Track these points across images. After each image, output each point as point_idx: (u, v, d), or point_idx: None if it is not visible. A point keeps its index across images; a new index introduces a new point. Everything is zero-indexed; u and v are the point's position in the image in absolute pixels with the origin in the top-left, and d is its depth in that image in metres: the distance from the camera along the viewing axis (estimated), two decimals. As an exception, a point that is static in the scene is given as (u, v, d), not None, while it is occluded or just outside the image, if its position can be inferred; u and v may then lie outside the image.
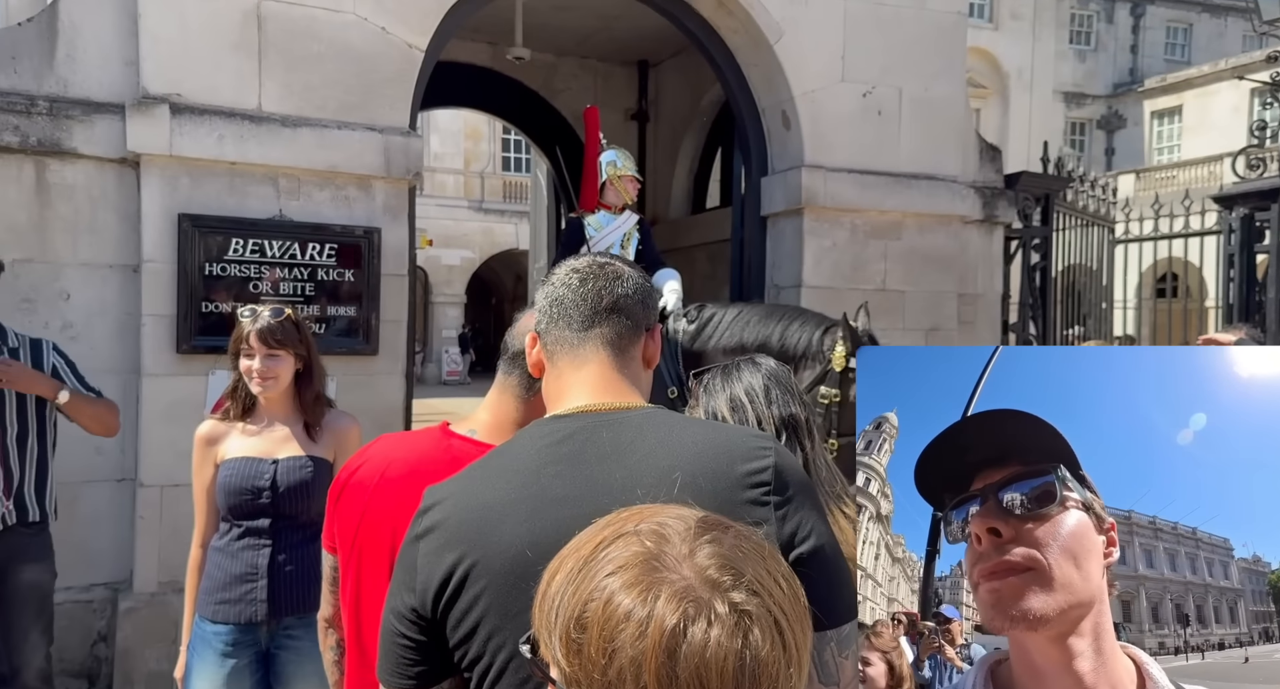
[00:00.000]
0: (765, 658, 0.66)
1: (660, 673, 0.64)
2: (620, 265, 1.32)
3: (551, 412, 1.26)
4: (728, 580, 0.69)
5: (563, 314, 1.28)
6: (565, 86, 7.40)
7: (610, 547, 0.72)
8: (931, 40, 5.17)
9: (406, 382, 4.40)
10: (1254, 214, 6.37)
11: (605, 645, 0.66)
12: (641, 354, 1.30)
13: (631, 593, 0.67)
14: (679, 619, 0.66)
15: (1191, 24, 30.15)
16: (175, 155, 3.84)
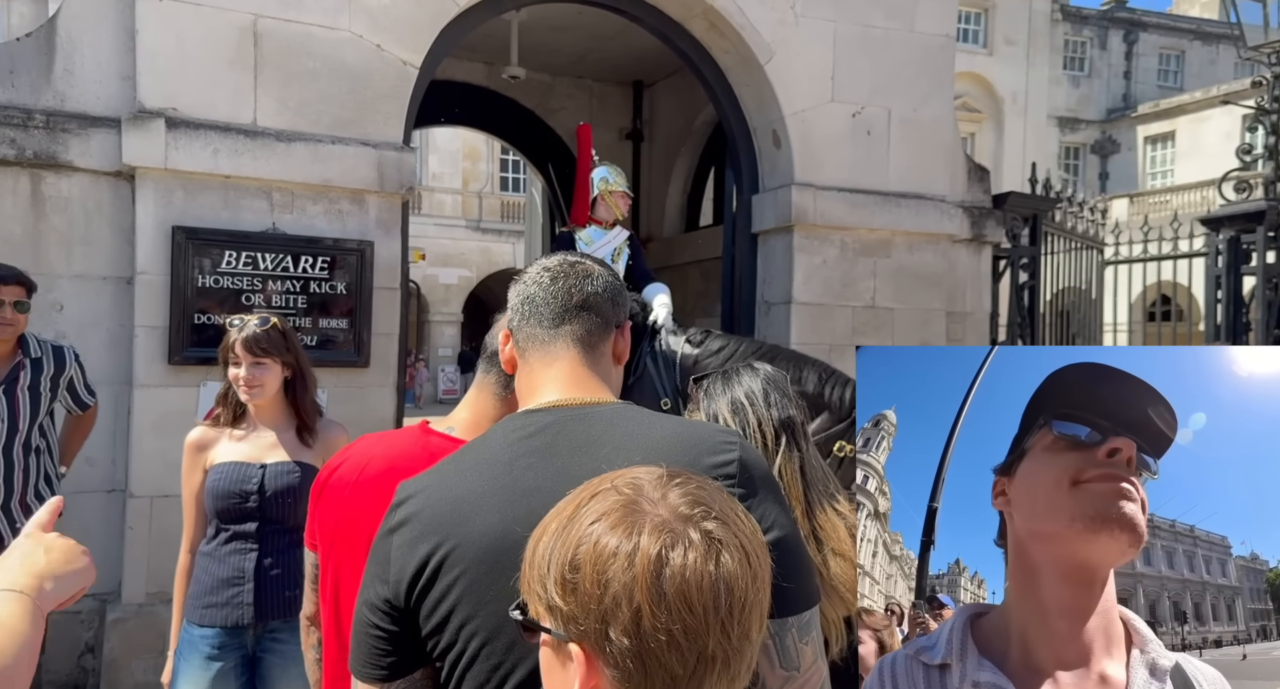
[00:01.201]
0: (735, 575, 0.77)
1: (650, 594, 0.74)
2: (590, 264, 1.35)
3: (524, 406, 1.29)
4: (698, 513, 0.79)
5: (534, 311, 1.30)
6: (561, 106, 7.48)
7: (589, 503, 0.81)
8: (920, 62, 5.25)
9: (398, 395, 4.42)
10: (1240, 236, 6.44)
11: (599, 578, 0.75)
12: (611, 350, 1.33)
13: (616, 532, 0.77)
14: (660, 548, 0.75)
15: (1184, 51, 30.49)
16: (170, 169, 3.88)
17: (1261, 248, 6.32)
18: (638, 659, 0.75)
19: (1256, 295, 6.36)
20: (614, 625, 0.75)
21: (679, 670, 0.75)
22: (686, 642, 0.74)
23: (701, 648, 0.75)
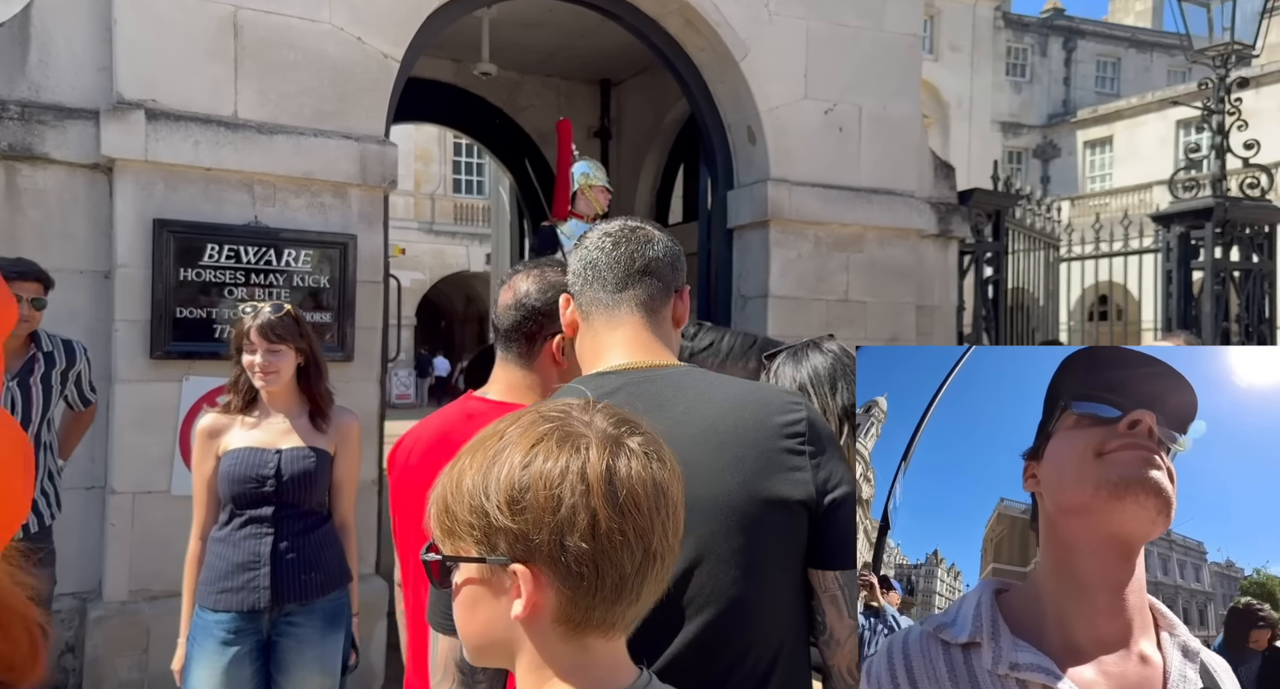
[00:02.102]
0: (668, 480, 0.87)
1: (605, 500, 0.82)
2: (650, 229, 1.38)
3: (591, 369, 1.33)
4: (627, 428, 0.88)
5: (597, 276, 1.34)
6: (529, 104, 7.50)
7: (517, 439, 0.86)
8: (889, 60, 5.39)
9: (381, 389, 4.41)
10: (1189, 232, 6.70)
11: (551, 494, 0.82)
12: (671, 314, 1.37)
13: (562, 452, 0.83)
14: (607, 459, 0.84)
15: (1120, 58, 31.50)
16: (151, 161, 3.83)
17: (1209, 243, 6.59)
18: (592, 563, 0.81)
19: (1205, 289, 6.63)
20: (570, 534, 0.81)
21: (628, 568, 0.83)
22: (636, 540, 0.82)
23: (648, 545, 0.83)
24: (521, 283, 1.70)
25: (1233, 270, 6.70)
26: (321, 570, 2.52)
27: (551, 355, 1.67)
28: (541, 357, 1.67)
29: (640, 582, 0.84)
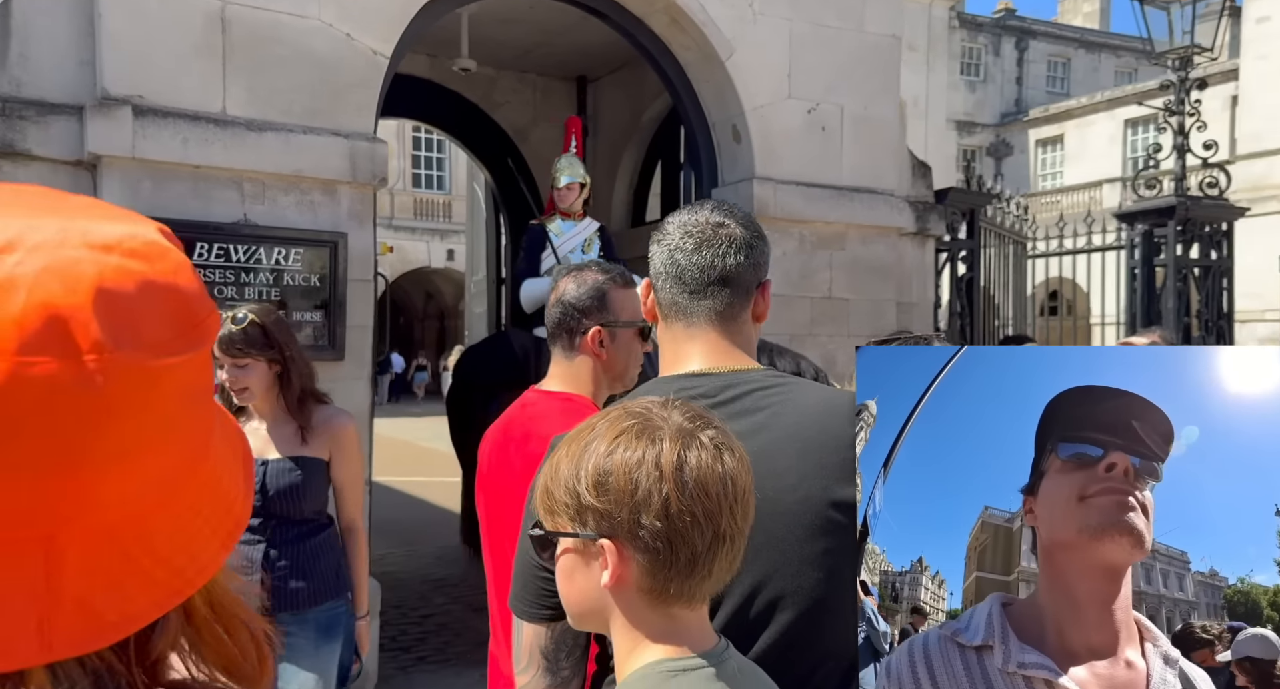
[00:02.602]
0: (737, 470, 0.97)
1: (675, 484, 0.93)
2: (733, 227, 1.35)
3: (672, 369, 1.36)
4: (700, 424, 0.98)
5: (677, 277, 1.34)
6: (505, 100, 7.47)
7: (604, 431, 0.98)
8: (869, 61, 5.47)
9: (372, 388, 4.38)
10: (1153, 230, 6.91)
11: (629, 478, 0.94)
12: (752, 312, 1.38)
13: (640, 443, 0.95)
14: (679, 449, 0.95)
15: (1070, 58, 32.20)
16: (138, 158, 3.75)
17: (1171, 241, 6.80)
18: (666, 539, 0.93)
19: (1167, 286, 6.84)
20: (646, 514, 0.92)
21: (699, 546, 0.93)
22: (705, 521, 0.93)
23: (716, 526, 0.94)
24: (564, 283, 1.88)
25: (1193, 267, 6.92)
26: (315, 579, 2.49)
27: (591, 347, 1.84)
28: (583, 349, 1.85)
29: (711, 559, 0.94)
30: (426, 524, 8.41)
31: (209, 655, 0.55)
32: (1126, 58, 31.79)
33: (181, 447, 0.51)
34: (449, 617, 5.69)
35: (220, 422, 0.58)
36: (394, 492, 9.50)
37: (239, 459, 0.59)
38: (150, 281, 0.49)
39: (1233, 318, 7.12)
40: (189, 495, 0.52)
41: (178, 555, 0.50)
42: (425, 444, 14.99)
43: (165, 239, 0.53)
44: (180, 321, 0.49)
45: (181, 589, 0.50)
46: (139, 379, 0.47)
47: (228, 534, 0.54)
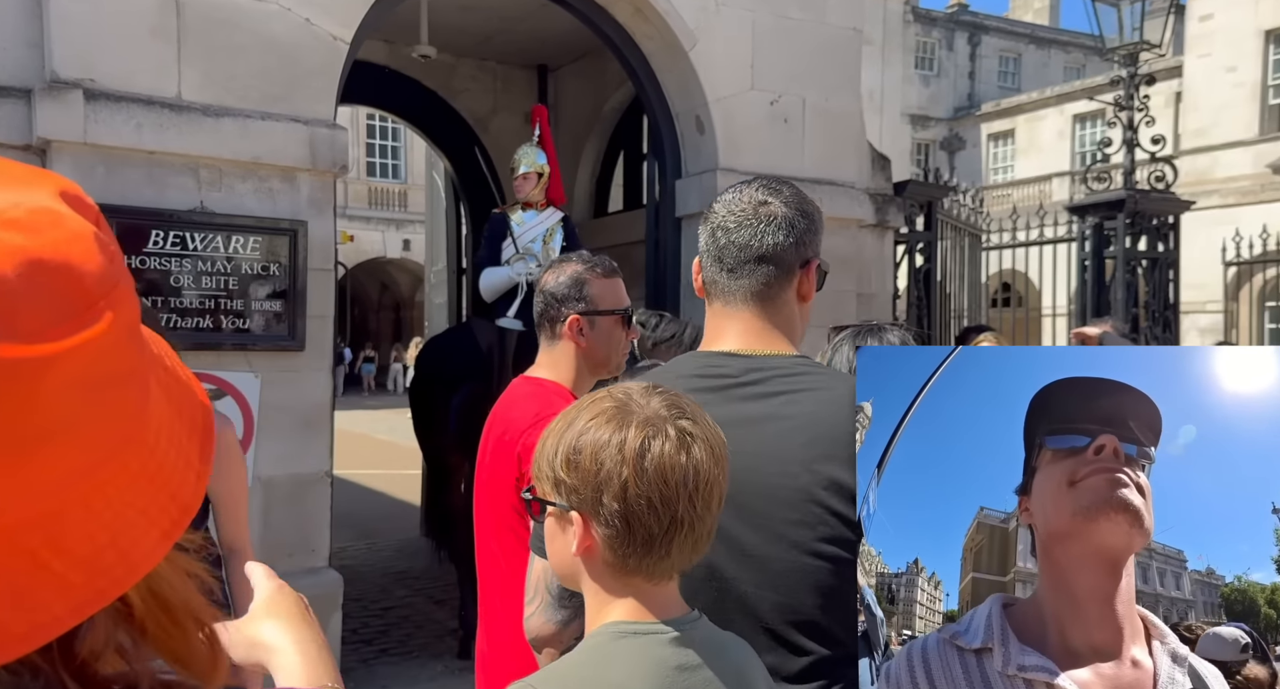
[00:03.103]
0: (700, 460, 1.01)
1: (635, 470, 0.98)
2: (776, 205, 1.34)
3: (710, 345, 1.38)
4: (674, 414, 1.02)
5: (718, 256, 1.35)
6: (465, 87, 7.39)
7: (586, 410, 1.04)
8: (830, 54, 5.51)
9: (332, 379, 4.32)
10: (1103, 223, 7.07)
11: (595, 458, 0.99)
12: (795, 291, 1.36)
13: (610, 426, 1.00)
14: (643, 438, 0.99)
15: (1020, 54, 32.74)
16: (90, 143, 3.65)
17: (1121, 233, 6.97)
18: (624, 519, 0.98)
19: (1116, 277, 7.01)
20: (607, 493, 0.98)
21: (655, 529, 0.99)
22: (662, 507, 0.98)
23: (674, 512, 0.99)
24: (549, 275, 1.95)
25: (1141, 259, 7.10)
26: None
27: (571, 334, 1.91)
28: (563, 337, 1.92)
29: (668, 541, 1.00)
30: (386, 517, 8.33)
31: (158, 650, 0.51)
32: (1075, 53, 32.42)
33: (92, 437, 0.45)
34: (411, 609, 5.65)
35: (171, 393, 0.53)
36: (353, 485, 9.40)
37: (195, 435, 0.54)
38: (32, 259, 0.43)
39: (1178, 309, 7.32)
40: (113, 487, 0.46)
41: (102, 554, 0.46)
42: (382, 437, 14.84)
43: (62, 204, 0.47)
44: (70, 303, 0.44)
45: (106, 590, 0.46)
46: (14, 373, 0.41)
47: (172, 523, 0.50)
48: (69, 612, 0.44)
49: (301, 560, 4.11)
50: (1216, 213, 15.74)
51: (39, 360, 0.42)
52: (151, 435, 0.49)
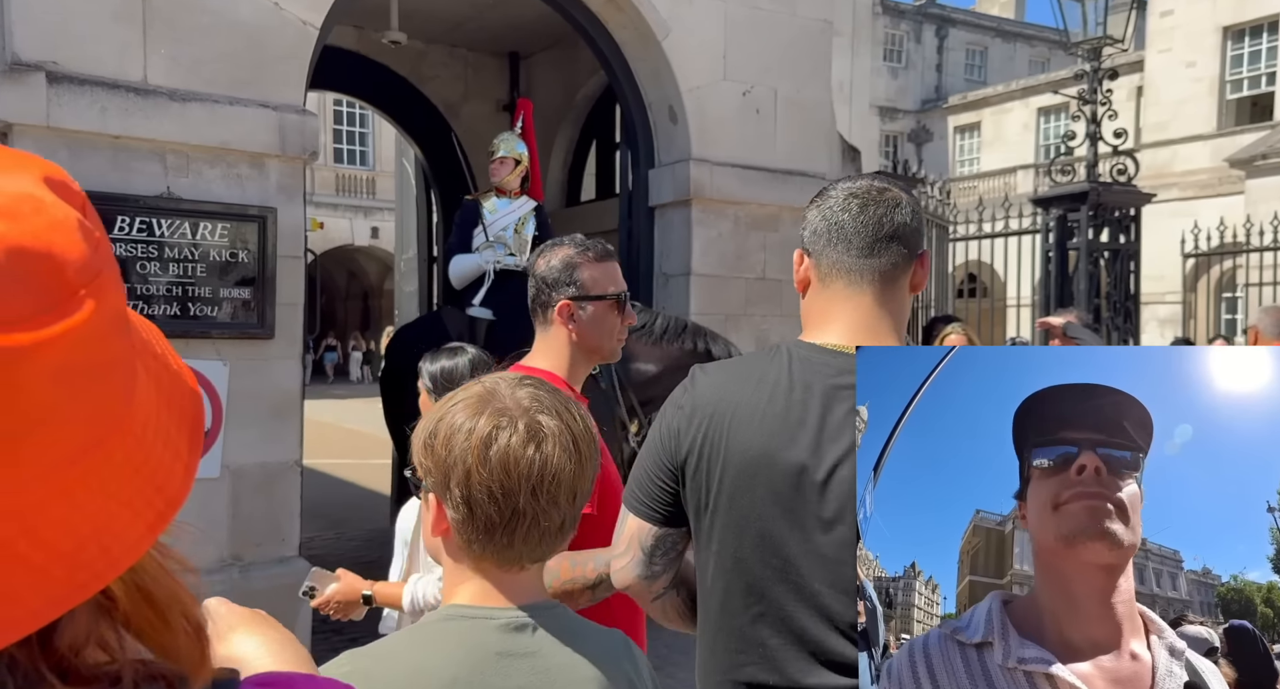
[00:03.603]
0: (552, 458, 1.02)
1: (479, 459, 1.00)
2: (896, 190, 1.35)
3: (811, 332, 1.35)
4: (535, 407, 1.04)
5: (842, 238, 1.31)
6: (435, 74, 7.33)
7: (458, 394, 1.08)
8: (802, 45, 5.54)
9: (302, 367, 4.29)
10: (1067, 215, 7.19)
11: (447, 443, 1.02)
12: (909, 281, 1.35)
13: (466, 413, 1.03)
14: (492, 429, 1.01)
15: (987, 47, 33.05)
16: (53, 127, 3.59)
17: (1084, 225, 7.09)
18: (466, 505, 1.01)
19: (1079, 268, 7.14)
20: (452, 478, 1.01)
21: (496, 518, 1.01)
22: (502, 497, 1.00)
23: (514, 504, 1.00)
24: (539, 258, 1.92)
25: (1103, 250, 7.23)
26: None
27: (562, 320, 1.87)
28: (556, 323, 1.88)
29: (509, 531, 1.01)
30: (355, 507, 8.28)
31: (143, 642, 0.51)
32: (1040, 47, 32.79)
33: (74, 428, 0.44)
34: (381, 598, 5.63)
35: (160, 383, 0.52)
36: (321, 474, 9.33)
37: (184, 426, 0.53)
38: (12, 246, 0.42)
39: (1139, 299, 7.47)
40: (96, 479, 0.45)
41: (84, 548, 0.44)
42: (350, 426, 14.73)
43: (46, 190, 0.46)
44: (51, 291, 0.43)
45: (87, 584, 0.45)
46: None
47: (157, 516, 0.48)
48: (47, 605, 0.43)
49: (271, 550, 4.09)
50: (1175, 205, 16.06)
51: (19, 350, 0.41)
52: (138, 426, 0.48)
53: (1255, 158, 15.48)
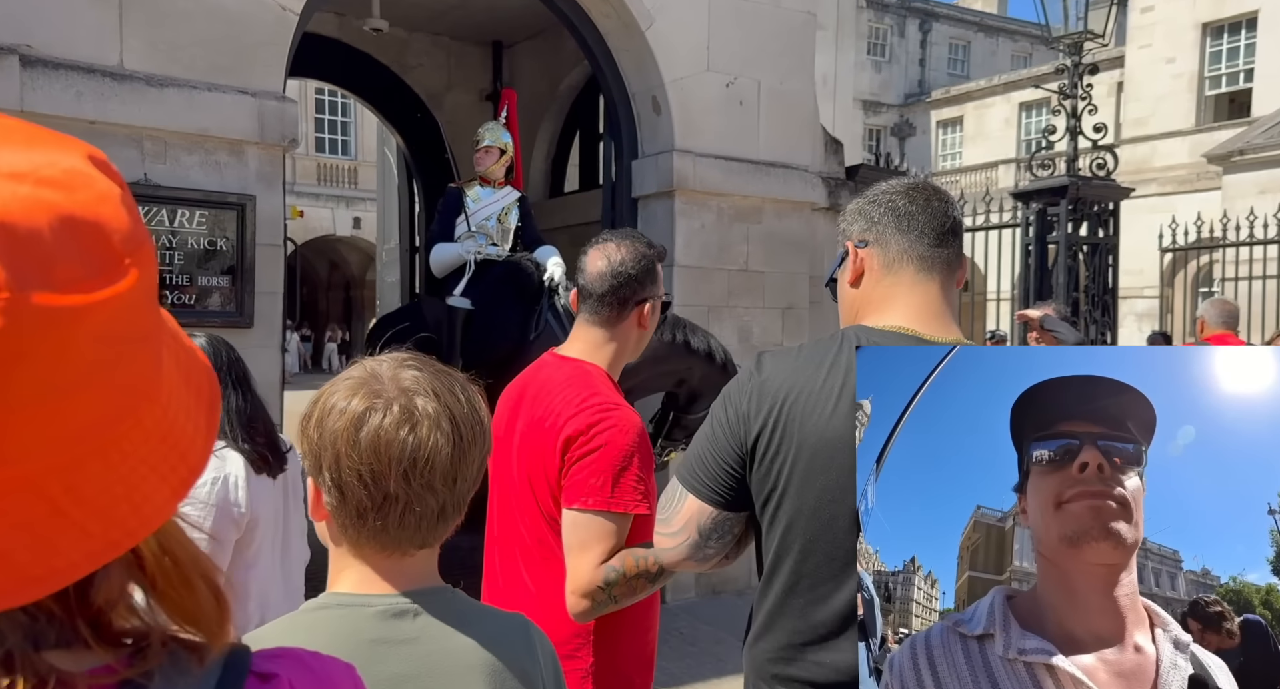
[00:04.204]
0: (426, 442, 0.97)
1: (348, 441, 0.96)
2: (941, 190, 1.40)
3: (866, 316, 1.37)
4: (413, 389, 0.99)
5: (913, 226, 1.35)
6: (418, 63, 7.28)
7: (343, 375, 1.04)
8: (785, 37, 5.54)
9: (281, 356, 4.26)
10: (1046, 209, 7.24)
11: (320, 424, 0.99)
12: (959, 277, 1.41)
13: (344, 394, 0.99)
14: (364, 410, 0.97)
15: (970, 42, 33.17)
16: (27, 111, 3.53)
17: (1063, 219, 7.13)
18: (337, 488, 0.97)
19: (1059, 262, 7.19)
20: (325, 460, 0.97)
21: (367, 502, 0.97)
22: (372, 481, 0.96)
23: (385, 489, 0.96)
24: (615, 253, 1.84)
25: (1082, 244, 7.28)
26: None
27: (638, 319, 1.85)
28: (628, 320, 1.84)
29: (381, 516, 0.97)
30: (335, 497, 8.24)
31: (167, 606, 0.53)
32: (1023, 42, 32.95)
33: (113, 391, 0.47)
34: (362, 589, 5.62)
35: (179, 360, 0.55)
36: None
37: (202, 402, 0.56)
38: (66, 214, 0.45)
39: (1117, 294, 7.53)
40: (129, 442, 0.48)
41: (117, 506, 0.47)
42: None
43: (92, 167, 0.49)
44: (100, 258, 0.46)
45: (120, 541, 0.48)
46: (50, 320, 0.43)
47: (180, 482, 0.52)
48: (85, 558, 0.46)
49: (251, 540, 4.06)
50: (1154, 200, 16.20)
51: (71, 310, 0.44)
52: (164, 396, 0.51)
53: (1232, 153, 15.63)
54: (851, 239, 1.42)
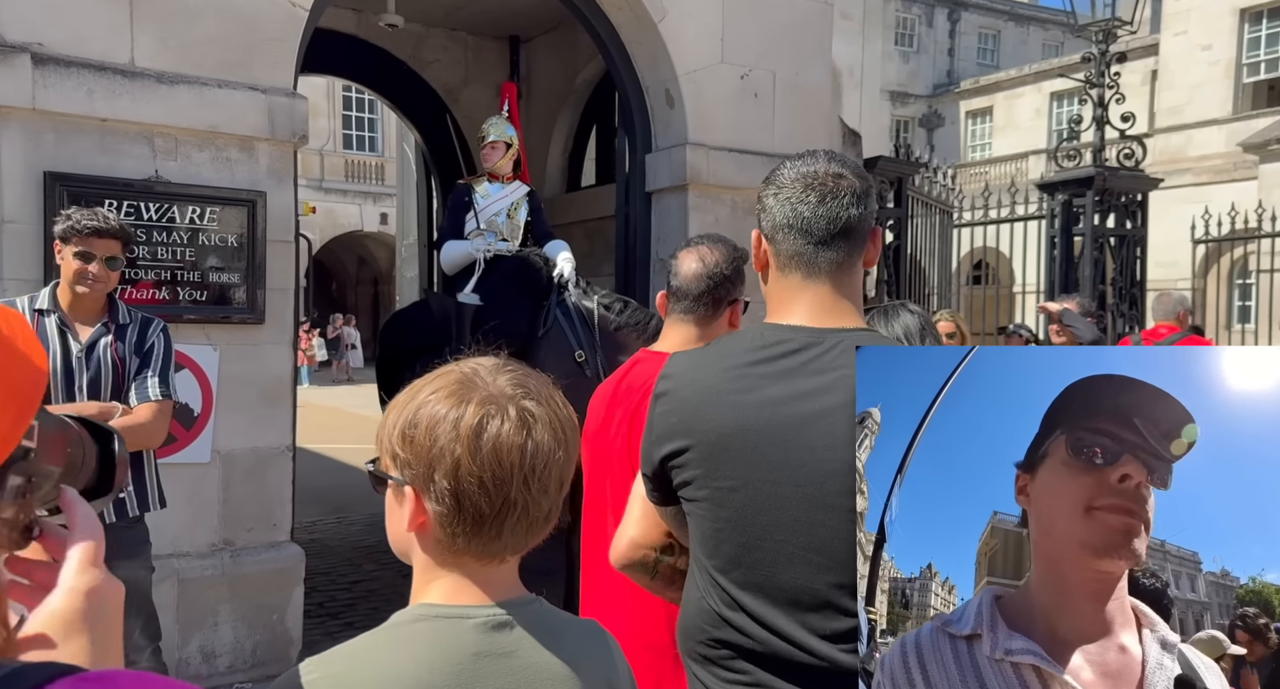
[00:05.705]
0: (543, 446, 0.98)
1: (469, 448, 0.95)
2: (851, 178, 1.38)
3: (777, 315, 1.41)
4: (519, 393, 0.99)
5: (803, 230, 1.37)
6: (435, 58, 7.28)
7: (434, 381, 1.01)
8: (801, 28, 5.47)
9: (293, 353, 4.28)
10: (1072, 200, 7.10)
11: (431, 434, 0.96)
12: (863, 259, 1.42)
13: (449, 402, 0.97)
14: (481, 417, 0.96)
15: (1000, 31, 32.67)
16: (40, 109, 3.57)
17: (1089, 211, 7.00)
18: (453, 497, 0.95)
19: (1084, 254, 7.05)
20: (437, 470, 0.95)
21: (486, 510, 0.96)
22: (494, 487, 0.95)
23: (505, 494, 0.96)
24: (709, 254, 1.99)
25: (1109, 236, 7.13)
26: None
27: (730, 317, 1.99)
28: (721, 318, 1.98)
29: (499, 522, 0.97)
30: (357, 492, 8.29)
31: None
32: (1054, 31, 32.39)
33: None
34: (379, 583, 5.65)
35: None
36: (324, 458, 9.35)
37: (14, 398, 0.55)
38: None
39: (1145, 286, 7.38)
40: None
41: None
42: (355, 411, 14.76)
43: None
44: None
45: None
46: None
47: None
48: None
49: (262, 535, 4.09)
50: (1188, 191, 15.87)
51: None
52: None
53: (1270, 142, 15.26)
54: (760, 228, 1.45)
